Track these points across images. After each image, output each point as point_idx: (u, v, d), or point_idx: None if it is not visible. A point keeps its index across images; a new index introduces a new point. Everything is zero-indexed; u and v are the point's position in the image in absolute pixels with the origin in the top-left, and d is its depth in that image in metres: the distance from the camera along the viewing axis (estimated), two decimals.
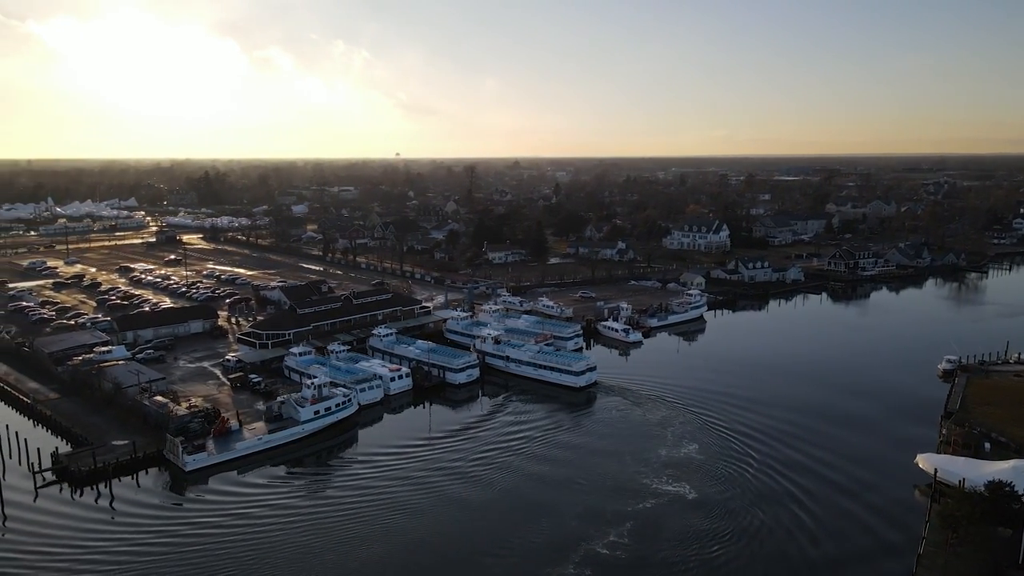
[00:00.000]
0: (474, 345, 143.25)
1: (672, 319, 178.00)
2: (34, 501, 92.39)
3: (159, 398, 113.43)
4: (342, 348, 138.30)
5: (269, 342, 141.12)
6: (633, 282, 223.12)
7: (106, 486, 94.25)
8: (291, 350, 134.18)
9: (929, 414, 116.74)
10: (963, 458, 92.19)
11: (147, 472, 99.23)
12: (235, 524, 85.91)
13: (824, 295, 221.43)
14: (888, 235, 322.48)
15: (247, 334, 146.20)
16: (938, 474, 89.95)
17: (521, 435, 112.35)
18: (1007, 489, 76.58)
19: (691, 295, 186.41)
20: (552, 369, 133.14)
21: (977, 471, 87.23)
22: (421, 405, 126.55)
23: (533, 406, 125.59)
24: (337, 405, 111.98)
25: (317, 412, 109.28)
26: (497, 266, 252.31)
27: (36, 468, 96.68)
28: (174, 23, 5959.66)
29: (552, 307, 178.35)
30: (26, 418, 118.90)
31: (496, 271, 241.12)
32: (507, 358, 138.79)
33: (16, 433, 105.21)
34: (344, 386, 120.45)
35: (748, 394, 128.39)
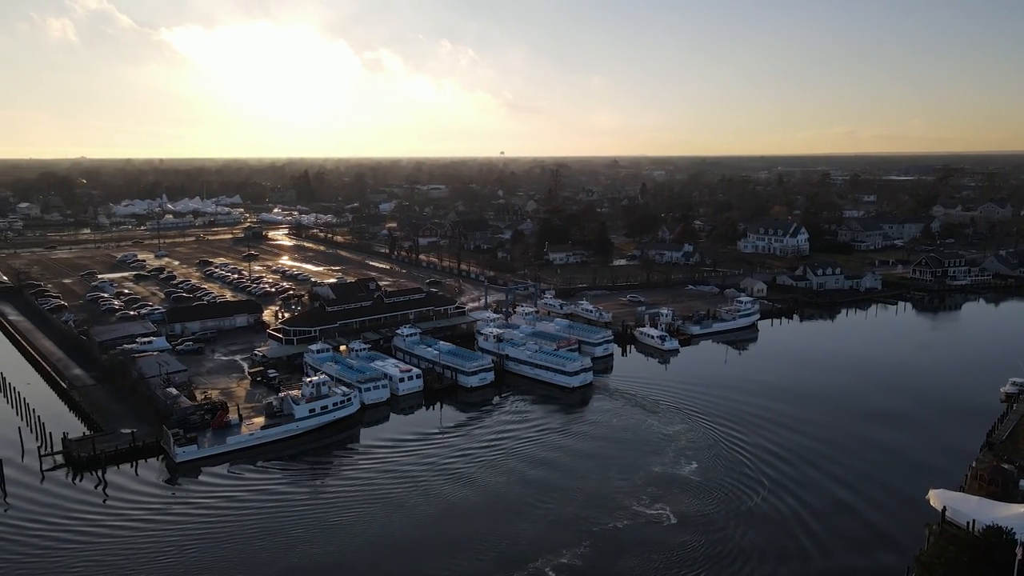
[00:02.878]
0: (477, 343, 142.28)
1: (717, 327, 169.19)
2: (40, 483, 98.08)
3: (172, 390, 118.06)
4: (363, 346, 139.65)
5: (295, 338, 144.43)
6: (691, 287, 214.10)
7: (103, 472, 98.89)
8: (310, 347, 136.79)
9: (973, 443, 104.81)
10: (978, 498, 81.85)
11: (146, 461, 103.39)
12: (212, 514, 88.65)
13: (904, 306, 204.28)
14: (996, 242, 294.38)
15: (276, 330, 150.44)
16: (947, 513, 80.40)
17: (507, 437, 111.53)
18: (1005, 537, 67.24)
19: (741, 302, 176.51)
20: (547, 369, 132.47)
21: (990, 513, 77.30)
22: (432, 407, 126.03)
23: (532, 407, 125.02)
24: (335, 404, 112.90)
25: (312, 410, 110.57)
26: (558, 267, 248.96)
27: (48, 451, 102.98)
28: (286, 26, 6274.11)
29: (591, 311, 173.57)
30: (62, 402, 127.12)
31: (556, 272, 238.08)
32: (506, 357, 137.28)
33: (39, 416, 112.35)
34: (351, 385, 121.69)
35: (778, 411, 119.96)
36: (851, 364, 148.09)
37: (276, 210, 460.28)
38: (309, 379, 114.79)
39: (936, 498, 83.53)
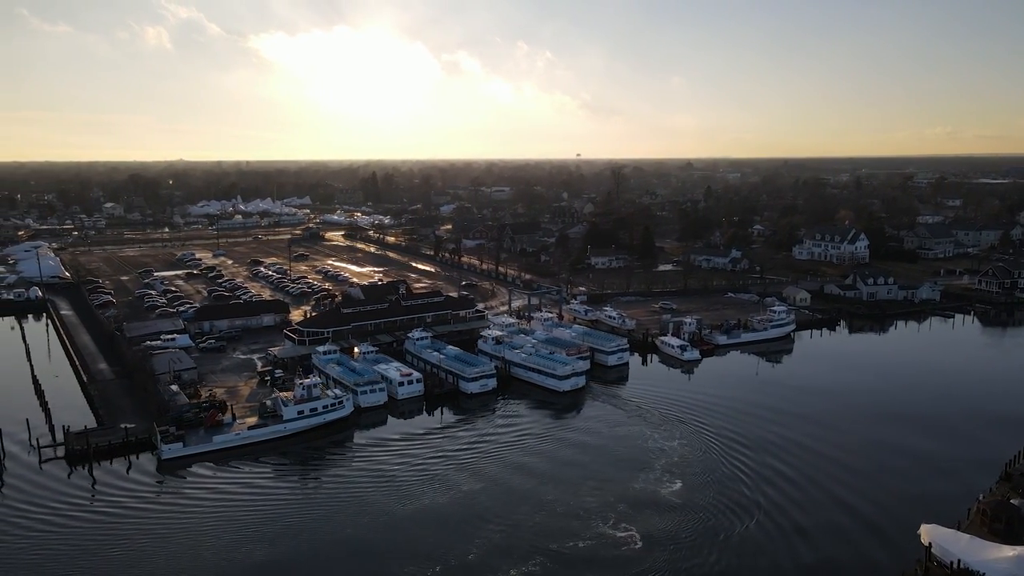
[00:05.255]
0: (477, 346, 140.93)
1: (746, 337, 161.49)
2: (39, 471, 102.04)
3: (174, 387, 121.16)
4: (370, 349, 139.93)
5: (307, 339, 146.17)
6: (731, 294, 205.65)
7: (90, 466, 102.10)
8: (317, 348, 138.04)
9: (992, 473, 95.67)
10: (969, 536, 74.30)
11: (137, 457, 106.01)
12: (189, 508, 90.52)
13: (963, 319, 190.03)
14: None
15: (291, 330, 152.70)
16: (933, 549, 73.52)
17: (487, 442, 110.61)
18: None
19: (775, 311, 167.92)
20: (539, 372, 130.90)
21: (978, 554, 70.43)
22: (435, 411, 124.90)
23: (523, 411, 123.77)
24: (325, 407, 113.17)
25: (301, 412, 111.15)
26: (599, 271, 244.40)
27: (50, 442, 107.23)
28: (363, 31, 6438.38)
29: (614, 318, 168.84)
30: (82, 395, 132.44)
31: (599, 276, 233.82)
32: (503, 359, 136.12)
33: (49, 408, 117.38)
34: (350, 387, 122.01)
35: (794, 429, 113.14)
36: (884, 384, 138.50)
37: (338, 212, 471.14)
38: (301, 381, 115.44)
39: (926, 533, 76.53)
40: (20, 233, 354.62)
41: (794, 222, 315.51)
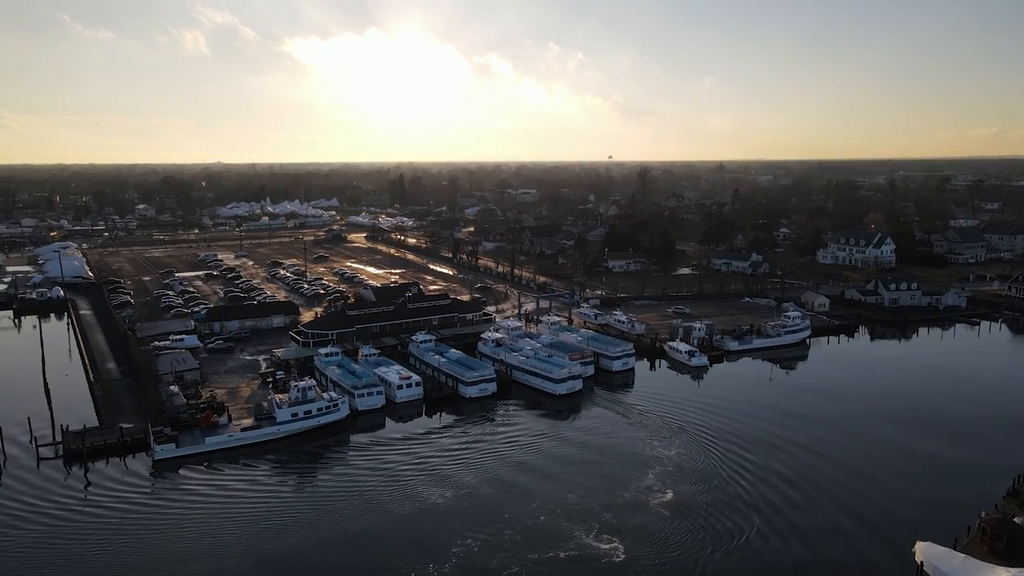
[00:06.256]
0: (477, 348, 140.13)
1: (758, 343, 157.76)
2: (37, 469, 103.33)
3: (173, 387, 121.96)
4: (372, 351, 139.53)
5: (311, 341, 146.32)
6: (747, 299, 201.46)
7: (84, 465, 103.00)
8: (319, 350, 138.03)
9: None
10: (964, 556, 70.84)
11: (134, 456, 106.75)
12: (178, 507, 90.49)
13: (991, 326, 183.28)
14: None
15: (297, 332, 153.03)
16: (925, 568, 70.41)
17: (475, 447, 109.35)
18: None
19: (789, 317, 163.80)
20: (536, 375, 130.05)
21: (971, 575, 66.79)
22: (431, 415, 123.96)
23: (519, 415, 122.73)
24: (319, 409, 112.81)
25: (295, 414, 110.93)
26: (616, 274, 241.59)
27: (51, 441, 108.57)
28: (394, 33, 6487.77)
29: (623, 322, 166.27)
30: (90, 394, 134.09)
31: (615, 279, 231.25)
32: (502, 361, 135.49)
33: (52, 407, 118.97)
34: (347, 390, 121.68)
35: (802, 439, 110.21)
36: (896, 391, 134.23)
37: (363, 214, 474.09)
38: (295, 383, 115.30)
39: (920, 551, 73.32)
40: (53, 234, 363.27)
41: (821, 225, 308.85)
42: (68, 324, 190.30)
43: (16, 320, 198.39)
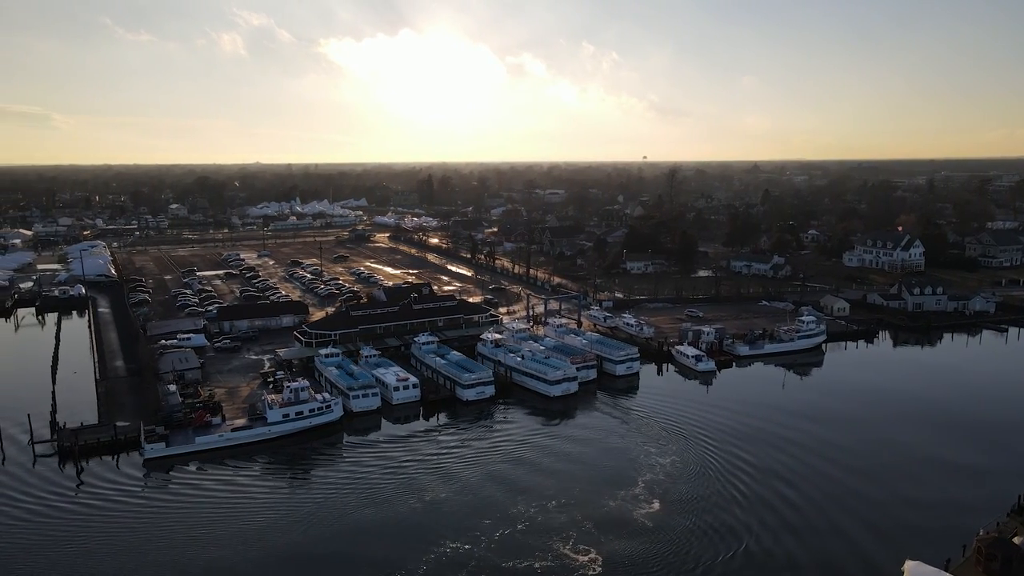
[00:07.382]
0: (476, 349, 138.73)
1: (770, 348, 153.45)
2: (32, 467, 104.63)
3: (170, 386, 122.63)
4: (372, 352, 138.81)
5: (314, 341, 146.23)
6: (765, 302, 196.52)
7: (76, 462, 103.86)
8: (320, 351, 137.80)
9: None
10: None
11: (127, 455, 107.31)
12: (163, 511, 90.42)
13: (1019, 332, 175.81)
14: None
15: (300, 332, 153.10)
16: None
17: (466, 448, 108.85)
18: None
19: (803, 321, 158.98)
20: (532, 377, 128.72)
21: None
22: (431, 417, 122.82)
23: (514, 417, 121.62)
24: (311, 410, 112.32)
25: (286, 415, 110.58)
26: (633, 276, 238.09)
27: (49, 439, 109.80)
28: (427, 34, 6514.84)
29: (632, 325, 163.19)
30: (95, 391, 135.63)
31: (632, 281, 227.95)
32: (499, 362, 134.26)
33: (54, 404, 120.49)
34: (343, 391, 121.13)
35: (808, 446, 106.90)
36: (911, 400, 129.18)
37: (389, 214, 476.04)
38: (289, 383, 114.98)
39: (910, 571, 69.75)
40: (85, 232, 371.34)
41: (851, 227, 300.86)
42: (88, 322, 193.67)
43: (40, 317, 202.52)
